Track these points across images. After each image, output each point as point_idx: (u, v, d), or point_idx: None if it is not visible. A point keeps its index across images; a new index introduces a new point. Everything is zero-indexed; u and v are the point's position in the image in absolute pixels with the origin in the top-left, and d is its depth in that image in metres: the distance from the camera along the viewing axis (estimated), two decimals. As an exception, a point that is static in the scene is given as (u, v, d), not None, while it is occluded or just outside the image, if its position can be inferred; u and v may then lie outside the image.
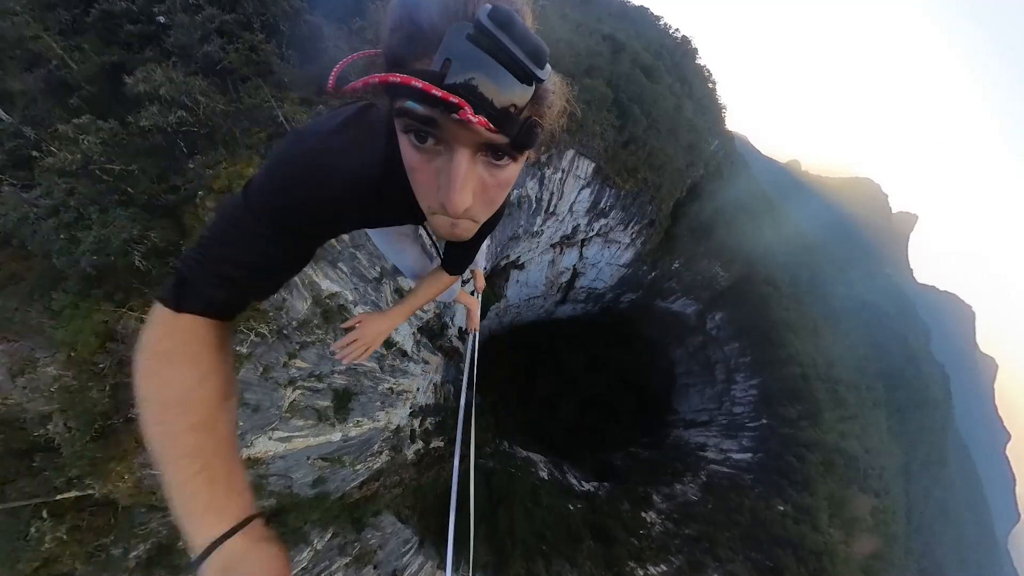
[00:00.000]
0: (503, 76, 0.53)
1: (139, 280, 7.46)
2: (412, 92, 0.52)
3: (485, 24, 0.50)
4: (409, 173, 0.69)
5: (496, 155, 0.63)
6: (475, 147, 0.61)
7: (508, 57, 0.52)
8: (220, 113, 8.29)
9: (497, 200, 0.73)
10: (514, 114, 0.56)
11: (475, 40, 0.51)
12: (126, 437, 7.17)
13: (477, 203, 0.69)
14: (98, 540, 8.14)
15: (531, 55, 0.54)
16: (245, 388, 9.31)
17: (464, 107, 0.51)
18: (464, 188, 0.63)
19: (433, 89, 0.50)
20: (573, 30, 25.49)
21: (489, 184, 0.68)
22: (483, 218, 0.75)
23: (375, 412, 15.61)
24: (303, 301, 10.92)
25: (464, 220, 0.72)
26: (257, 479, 10.98)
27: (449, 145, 0.61)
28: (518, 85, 0.55)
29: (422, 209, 0.74)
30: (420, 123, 0.57)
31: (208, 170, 8.03)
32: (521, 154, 0.65)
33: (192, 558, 0.61)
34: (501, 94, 0.54)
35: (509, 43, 0.52)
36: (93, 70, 9.73)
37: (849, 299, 50.99)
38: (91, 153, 7.18)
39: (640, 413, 36.26)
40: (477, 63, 0.51)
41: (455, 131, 0.58)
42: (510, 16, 0.52)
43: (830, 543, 23.33)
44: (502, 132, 0.57)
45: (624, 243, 27.28)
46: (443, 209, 0.67)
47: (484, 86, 0.52)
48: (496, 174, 0.67)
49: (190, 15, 9.34)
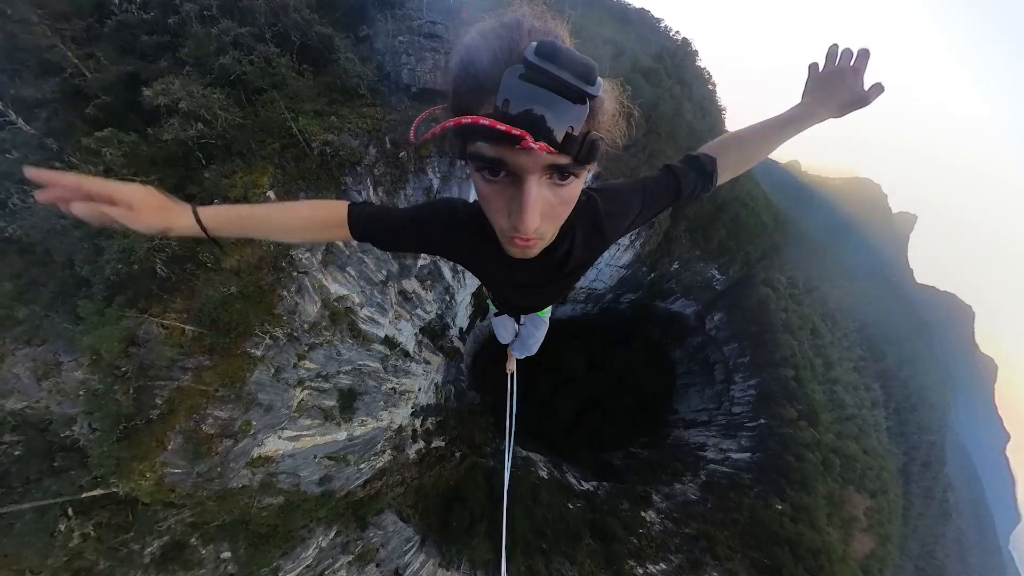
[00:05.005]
0: (557, 103, 0.58)
1: (159, 287, 7.76)
2: (479, 130, 0.58)
3: (533, 62, 0.56)
4: (482, 202, 0.78)
5: (561, 176, 0.69)
6: (541, 171, 0.67)
7: (561, 84, 0.57)
8: (236, 125, 8.56)
9: (563, 216, 0.80)
10: (573, 133, 0.61)
11: (528, 78, 0.57)
12: (148, 437, 7.48)
13: (545, 222, 0.76)
14: (118, 536, 8.46)
15: (581, 76, 0.58)
16: (259, 389, 9.61)
17: (526, 136, 0.57)
18: (534, 211, 0.70)
19: (498, 124, 0.56)
20: (574, 33, 25.62)
21: (555, 203, 0.74)
22: (550, 235, 0.85)
23: (379, 412, 15.91)
24: (313, 304, 11.22)
25: (534, 240, 0.80)
26: (267, 477, 11.30)
27: (517, 176, 0.68)
28: (572, 107, 0.59)
29: (495, 232, 0.84)
30: (489, 164, 0.66)
31: (224, 179, 8.31)
32: (584, 169, 0.71)
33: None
34: (558, 119, 0.59)
35: (558, 71, 0.57)
36: (109, 79, 9.98)
37: (848, 299, 51.18)
38: (113, 164, 7.46)
39: (640, 413, 36.54)
40: (533, 97, 0.57)
41: (521, 161, 0.64)
42: (554, 47, 0.57)
43: (828, 542, 23.60)
44: (564, 153, 0.62)
45: (623, 244, 27.52)
46: (515, 230, 0.75)
47: (542, 115, 0.58)
48: (560, 193, 0.73)
49: (205, 27, 9.60)
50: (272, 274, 9.46)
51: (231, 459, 9.51)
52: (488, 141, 0.62)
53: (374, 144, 11.31)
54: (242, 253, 8.63)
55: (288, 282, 9.86)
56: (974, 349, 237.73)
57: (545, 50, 0.57)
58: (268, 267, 9.34)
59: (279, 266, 9.61)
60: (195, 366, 8.41)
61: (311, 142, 9.58)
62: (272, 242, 7.67)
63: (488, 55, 0.64)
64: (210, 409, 8.64)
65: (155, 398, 7.69)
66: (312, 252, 10.67)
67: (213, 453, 8.70)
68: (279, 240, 1.20)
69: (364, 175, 11.38)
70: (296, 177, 9.93)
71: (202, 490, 9.00)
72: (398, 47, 12.53)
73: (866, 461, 31.34)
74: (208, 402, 8.56)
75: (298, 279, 10.26)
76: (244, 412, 9.43)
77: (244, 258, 8.71)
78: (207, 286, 8.18)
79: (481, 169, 0.69)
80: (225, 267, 8.45)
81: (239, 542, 10.87)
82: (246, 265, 8.80)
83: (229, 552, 10.80)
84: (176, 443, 7.98)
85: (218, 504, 9.76)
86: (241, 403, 9.24)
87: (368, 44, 12.82)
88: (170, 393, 8.10)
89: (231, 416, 9.11)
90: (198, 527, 10.06)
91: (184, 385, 8.15)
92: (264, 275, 9.26)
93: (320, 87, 10.61)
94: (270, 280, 9.41)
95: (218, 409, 8.88)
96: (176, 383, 8.13)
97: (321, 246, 10.98)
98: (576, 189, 0.76)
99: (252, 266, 8.97)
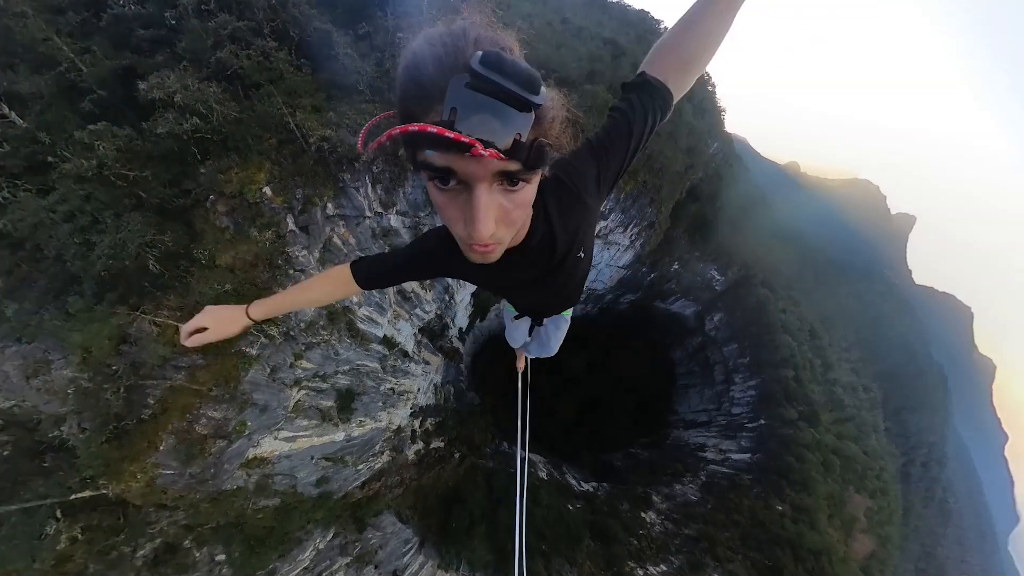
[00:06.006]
0: (504, 111, 0.59)
1: (152, 284, 7.60)
2: (427, 138, 0.59)
3: (479, 71, 0.57)
4: (439, 211, 0.78)
5: (512, 181, 0.71)
6: (491, 179, 0.69)
7: (505, 93, 0.58)
8: (233, 120, 8.42)
9: (519, 220, 0.81)
10: (520, 140, 0.62)
11: (474, 87, 0.58)
12: (139, 438, 7.31)
13: (500, 227, 0.78)
14: (109, 539, 8.28)
15: (525, 86, 0.59)
16: (254, 389, 9.45)
17: (475, 144, 0.57)
18: (487, 217, 0.72)
19: (446, 132, 0.57)
20: (575, 35, 25.70)
21: (508, 208, 0.76)
22: (507, 239, 0.85)
23: (377, 412, 15.75)
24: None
25: (492, 245, 0.81)
26: (263, 478, 11.12)
27: (467, 184, 0.69)
28: (518, 115, 0.60)
29: (456, 240, 0.85)
30: (439, 173, 0.66)
31: (220, 175, 8.17)
32: (535, 174, 0.73)
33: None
34: (505, 127, 0.60)
35: (503, 81, 0.58)
36: (104, 73, 9.83)
37: (847, 300, 51.18)
38: (106, 159, 7.31)
39: (639, 414, 36.43)
40: (479, 105, 0.58)
41: (471, 169, 0.65)
42: (499, 57, 0.58)
43: (828, 543, 23.51)
44: (513, 159, 0.63)
45: (623, 245, 27.46)
46: (471, 238, 0.75)
47: (489, 123, 0.58)
48: (513, 198, 0.75)
49: (202, 21, 9.47)
50: (268, 272, 9.30)
51: (225, 460, 9.33)
52: (437, 149, 0.62)
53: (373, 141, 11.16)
54: (237, 250, 8.48)
55: (284, 280, 9.70)
56: (972, 350, 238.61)
57: (490, 60, 0.58)
58: (263, 265, 9.19)
59: (275, 264, 9.46)
60: (188, 365, 8.24)
61: (308, 138, 9.44)
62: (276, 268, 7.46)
63: (433, 62, 0.63)
64: (203, 409, 8.47)
65: (147, 397, 7.53)
66: (309, 249, 10.52)
67: (206, 454, 8.53)
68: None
69: (362, 172, 11.24)
70: (293, 173, 9.78)
71: (195, 492, 8.82)
72: (398, 43, 12.41)
73: (866, 462, 31.28)
74: (201, 402, 8.40)
75: (294, 277, 10.11)
76: (239, 412, 9.26)
77: (239, 255, 8.56)
78: (201, 283, 8.03)
79: (432, 178, 0.70)
80: (220, 264, 8.30)
81: (234, 544, 10.68)
82: (241, 263, 8.65)
83: (224, 555, 10.61)
84: (168, 444, 7.81)
85: (212, 506, 9.58)
86: (235, 403, 9.07)
87: (368, 41, 12.71)
88: (162, 392, 7.93)
89: (225, 416, 8.94)
90: (192, 529, 9.88)
91: (177, 384, 7.98)
92: (259, 273, 9.11)
93: (318, 83, 10.48)
94: (265, 278, 9.25)
95: (212, 409, 8.71)
96: (168, 382, 7.97)
97: (319, 243, 10.84)
98: (529, 193, 0.78)
99: (247, 264, 8.82)
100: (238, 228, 8.81)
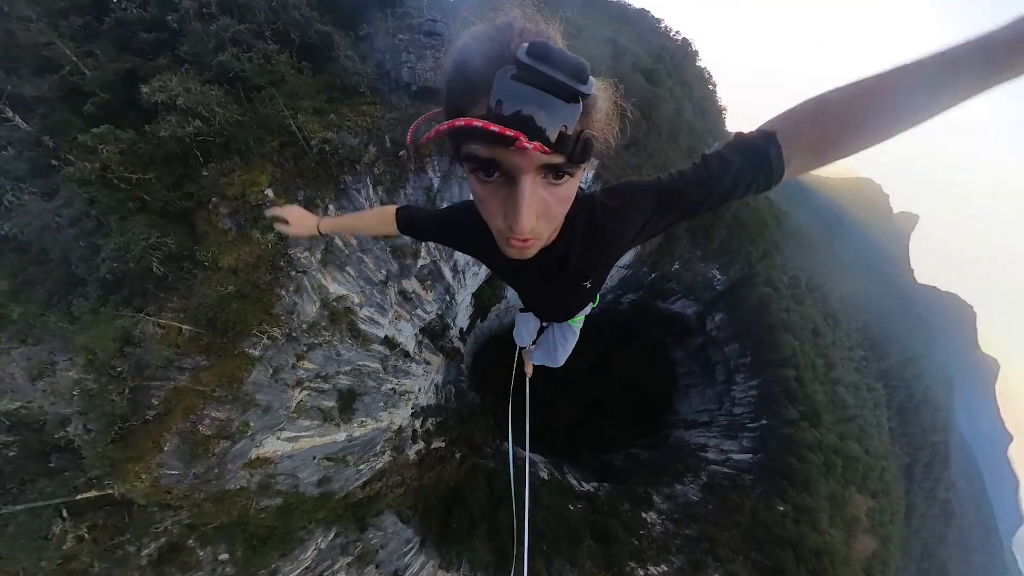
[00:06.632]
0: (550, 102, 0.58)
1: (156, 285, 7.67)
2: (473, 131, 0.58)
3: (525, 62, 0.56)
4: (478, 203, 0.77)
5: (556, 175, 0.69)
6: (535, 171, 0.67)
7: (553, 84, 0.57)
8: (235, 123, 8.48)
9: (559, 215, 0.79)
10: (566, 133, 0.60)
11: (520, 78, 0.57)
12: (143, 438, 7.38)
13: (541, 221, 0.76)
14: (114, 538, 8.36)
15: (573, 75, 0.58)
16: (257, 390, 9.51)
17: (520, 137, 0.57)
18: (529, 211, 0.70)
19: (491, 125, 0.56)
20: (575, 34, 25.70)
21: (550, 202, 0.74)
22: (546, 234, 0.82)
23: (378, 412, 15.82)
24: (312, 304, 11.13)
25: (531, 240, 0.79)
26: (265, 478, 11.20)
27: (512, 176, 0.68)
28: (565, 106, 0.59)
29: (492, 233, 0.82)
30: (483, 164, 0.66)
31: (222, 177, 8.22)
32: (579, 168, 0.71)
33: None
34: (551, 119, 0.59)
35: (551, 71, 0.57)
36: (107, 76, 9.90)
37: (849, 300, 51.03)
38: (109, 162, 7.37)
39: (640, 414, 36.42)
40: (525, 97, 0.57)
41: (515, 161, 0.64)
42: (546, 47, 0.57)
43: (830, 543, 23.48)
44: (558, 152, 0.61)
45: (625, 245, 27.44)
46: (510, 231, 0.74)
47: (535, 115, 0.58)
48: (556, 192, 0.73)
49: (204, 24, 9.53)
50: (270, 273, 9.36)
51: (228, 460, 9.41)
52: (482, 142, 0.62)
53: (374, 142, 11.22)
54: (239, 252, 8.54)
55: (286, 281, 9.76)
56: (976, 349, 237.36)
57: (537, 50, 0.57)
58: (266, 266, 9.25)
59: (277, 265, 9.52)
60: (192, 366, 8.31)
61: (310, 140, 9.49)
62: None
63: (480, 56, 0.63)
64: (207, 410, 8.53)
65: (151, 398, 7.60)
66: (311, 251, 10.58)
67: (210, 454, 8.60)
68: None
69: (363, 173, 11.29)
70: (295, 175, 9.84)
71: (199, 492, 8.90)
72: (398, 45, 12.46)
73: (868, 462, 31.19)
74: (205, 403, 8.46)
75: (296, 279, 10.17)
76: (242, 413, 9.33)
77: (241, 257, 8.62)
78: (204, 285, 8.09)
79: (475, 170, 0.69)
80: (222, 266, 8.36)
81: (237, 544, 10.77)
82: (243, 264, 8.71)
83: (227, 554, 10.70)
84: (172, 444, 7.88)
85: (215, 505, 9.66)
86: (239, 404, 9.14)
87: (368, 42, 12.75)
88: (166, 393, 8.00)
89: (228, 417, 9.01)
90: (195, 529, 9.96)
91: (180, 385, 8.05)
92: (262, 274, 9.17)
93: (320, 85, 10.53)
94: (268, 279, 9.31)
95: (215, 410, 8.78)
96: (172, 383, 8.04)
97: (320, 245, 10.89)
98: (572, 188, 0.75)
99: (250, 265, 8.88)
100: (240, 230, 8.88)
